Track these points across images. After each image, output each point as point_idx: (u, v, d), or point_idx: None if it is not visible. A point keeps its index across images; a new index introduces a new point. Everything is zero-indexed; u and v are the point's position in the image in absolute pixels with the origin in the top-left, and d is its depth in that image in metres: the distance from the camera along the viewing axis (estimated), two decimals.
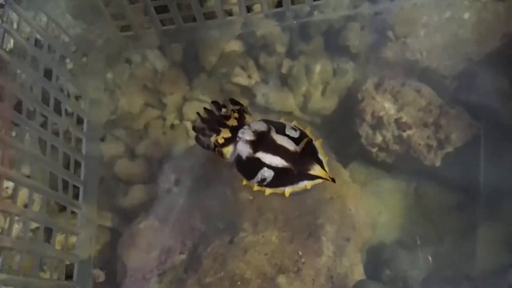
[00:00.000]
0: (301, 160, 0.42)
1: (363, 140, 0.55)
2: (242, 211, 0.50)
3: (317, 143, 0.44)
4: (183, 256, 0.49)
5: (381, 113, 0.54)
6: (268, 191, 0.45)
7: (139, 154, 0.64)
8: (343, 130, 0.60)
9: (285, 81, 0.65)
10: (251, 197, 0.51)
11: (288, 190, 0.44)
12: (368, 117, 0.55)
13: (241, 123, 0.45)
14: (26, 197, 0.50)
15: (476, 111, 0.54)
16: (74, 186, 0.58)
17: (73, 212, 0.57)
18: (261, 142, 0.43)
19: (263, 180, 0.44)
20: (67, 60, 0.66)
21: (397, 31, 0.63)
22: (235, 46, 0.67)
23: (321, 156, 0.44)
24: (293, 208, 0.48)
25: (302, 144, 0.42)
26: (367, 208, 0.52)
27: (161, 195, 0.58)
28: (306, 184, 0.44)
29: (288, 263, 0.45)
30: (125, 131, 0.65)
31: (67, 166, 0.58)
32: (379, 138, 0.55)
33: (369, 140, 0.55)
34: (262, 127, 0.45)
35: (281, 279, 0.44)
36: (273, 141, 0.43)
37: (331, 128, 0.62)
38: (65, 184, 0.56)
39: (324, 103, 0.63)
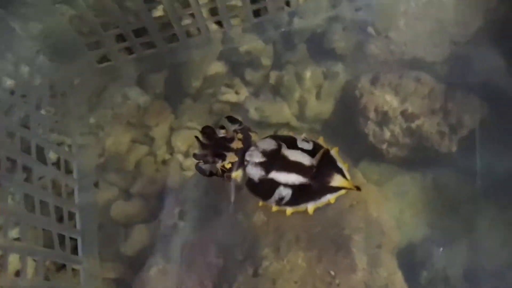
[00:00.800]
0: (320, 173, 0.39)
1: (371, 138, 0.53)
2: (259, 235, 0.46)
3: (333, 152, 0.41)
4: None
5: (385, 108, 0.52)
6: (289, 210, 0.41)
7: (134, 193, 0.60)
8: (346, 131, 0.58)
9: (277, 91, 0.63)
10: (266, 218, 0.47)
11: (311, 207, 0.41)
12: (372, 114, 0.53)
13: (247, 143, 0.42)
14: (17, 262, 0.45)
15: (481, 91, 0.52)
16: (71, 239, 0.53)
17: (73, 269, 0.52)
18: (273, 161, 0.40)
19: (281, 199, 0.40)
20: (45, 107, 0.61)
21: (377, 26, 0.63)
22: (218, 67, 0.65)
23: (340, 164, 0.41)
24: (314, 224, 0.45)
25: (318, 156, 0.39)
26: (389, 209, 0.49)
27: (166, 232, 0.54)
28: (329, 198, 0.40)
29: (321, 287, 0.41)
30: (117, 174, 0.61)
31: (59, 220, 0.53)
32: (387, 134, 0.52)
33: (377, 138, 0.53)
34: (271, 145, 0.41)
35: None
36: (285, 158, 0.40)
37: (332, 131, 0.60)
38: (61, 239, 0.51)
39: (321, 107, 0.61)
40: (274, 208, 0.41)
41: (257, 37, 0.65)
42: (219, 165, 0.41)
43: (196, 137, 0.44)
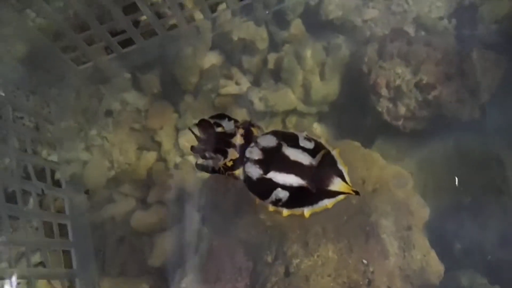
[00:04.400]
0: (319, 175, 0.37)
1: (385, 116, 0.50)
2: (285, 232, 0.45)
3: (335, 153, 0.39)
4: None
5: (397, 82, 0.49)
6: (285, 212, 0.40)
7: (152, 202, 0.59)
8: (357, 110, 0.55)
9: (278, 76, 0.60)
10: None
11: (307, 211, 0.39)
12: (384, 91, 0.50)
13: (248, 139, 0.40)
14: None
15: (497, 44, 0.49)
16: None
17: None
18: (272, 160, 0.38)
19: (278, 200, 0.39)
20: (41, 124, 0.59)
21: None
22: (212, 59, 0.62)
23: (341, 166, 0.39)
24: (339, 213, 0.44)
25: (319, 156, 0.37)
26: (413, 185, 0.47)
27: (191, 239, 0.53)
28: (327, 203, 0.38)
29: (356, 277, 0.40)
30: (130, 185, 0.60)
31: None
32: (402, 109, 0.50)
33: (392, 114, 0.50)
34: (271, 142, 0.39)
35: None
36: (286, 158, 0.38)
37: (342, 112, 0.58)
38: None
39: (327, 87, 0.58)
40: (271, 208, 0.40)
41: (246, 19, 0.61)
42: (220, 163, 0.39)
43: (190, 129, 0.41)
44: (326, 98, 0.58)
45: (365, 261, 0.41)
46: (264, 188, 0.39)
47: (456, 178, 0.47)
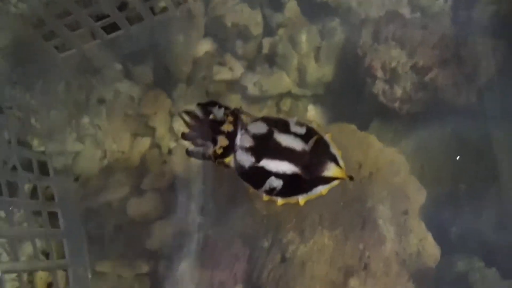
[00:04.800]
0: (313, 161, 0.37)
1: (381, 98, 0.50)
2: (282, 220, 0.45)
3: (327, 137, 0.38)
4: None
5: (393, 64, 0.48)
6: (280, 201, 0.39)
7: (146, 189, 0.59)
8: (352, 93, 0.55)
9: (273, 61, 0.59)
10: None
11: (302, 199, 0.39)
12: (380, 73, 0.49)
13: (238, 126, 0.39)
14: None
15: (494, 27, 0.47)
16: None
17: None
18: (263, 147, 0.37)
19: (272, 189, 0.38)
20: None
21: None
22: (206, 46, 0.60)
23: (334, 150, 0.38)
24: (335, 200, 0.43)
25: (311, 142, 0.36)
26: (410, 168, 0.47)
27: (188, 228, 0.53)
28: (321, 189, 0.38)
29: (352, 262, 0.40)
30: (123, 173, 0.59)
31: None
32: (398, 92, 0.49)
33: (388, 96, 0.49)
34: (261, 129, 0.38)
35: (353, 282, 0.40)
36: (278, 144, 0.37)
37: (337, 94, 0.57)
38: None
39: (322, 70, 0.57)
40: (265, 197, 0.40)
41: (241, 1, 0.59)
42: (210, 150, 0.39)
43: (180, 115, 0.40)
44: (321, 80, 0.56)
45: (361, 247, 0.41)
46: (257, 177, 0.38)
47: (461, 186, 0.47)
